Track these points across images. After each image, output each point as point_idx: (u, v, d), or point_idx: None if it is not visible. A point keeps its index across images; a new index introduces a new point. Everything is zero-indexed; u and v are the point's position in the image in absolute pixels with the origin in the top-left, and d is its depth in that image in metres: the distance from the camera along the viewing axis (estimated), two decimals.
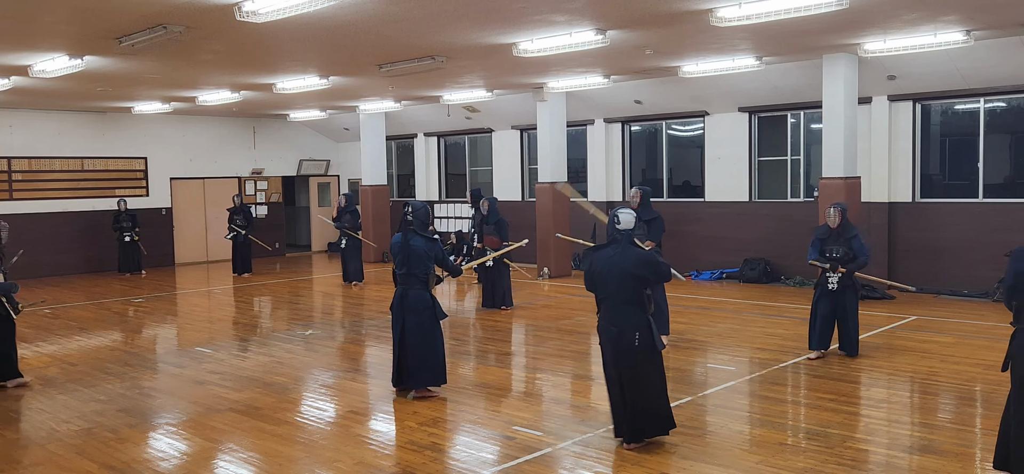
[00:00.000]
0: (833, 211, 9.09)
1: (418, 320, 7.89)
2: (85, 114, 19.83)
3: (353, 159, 24.06)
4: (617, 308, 6.33)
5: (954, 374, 8.58)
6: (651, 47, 11.84)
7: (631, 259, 6.33)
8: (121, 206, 19.16)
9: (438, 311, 8.01)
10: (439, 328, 8.05)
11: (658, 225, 9.95)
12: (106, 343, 11.40)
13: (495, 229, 13.10)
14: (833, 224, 9.08)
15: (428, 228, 8.16)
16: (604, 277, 6.39)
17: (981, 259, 13.56)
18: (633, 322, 6.30)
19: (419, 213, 8.04)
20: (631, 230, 6.42)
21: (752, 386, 8.31)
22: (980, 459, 6.16)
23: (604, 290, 6.41)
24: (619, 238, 6.42)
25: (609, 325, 6.36)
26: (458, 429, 7.15)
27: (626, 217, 6.44)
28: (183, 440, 6.99)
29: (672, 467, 6.03)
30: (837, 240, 9.08)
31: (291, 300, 15.30)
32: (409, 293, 7.92)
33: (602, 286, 6.42)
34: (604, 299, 6.44)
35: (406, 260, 7.92)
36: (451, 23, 9.81)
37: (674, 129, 17.93)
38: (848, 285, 9.08)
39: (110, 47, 10.66)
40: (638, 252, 6.41)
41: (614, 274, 6.32)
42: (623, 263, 6.31)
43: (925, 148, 14.51)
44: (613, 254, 6.39)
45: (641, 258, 6.37)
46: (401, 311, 7.95)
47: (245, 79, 14.69)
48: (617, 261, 6.33)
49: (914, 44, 11.32)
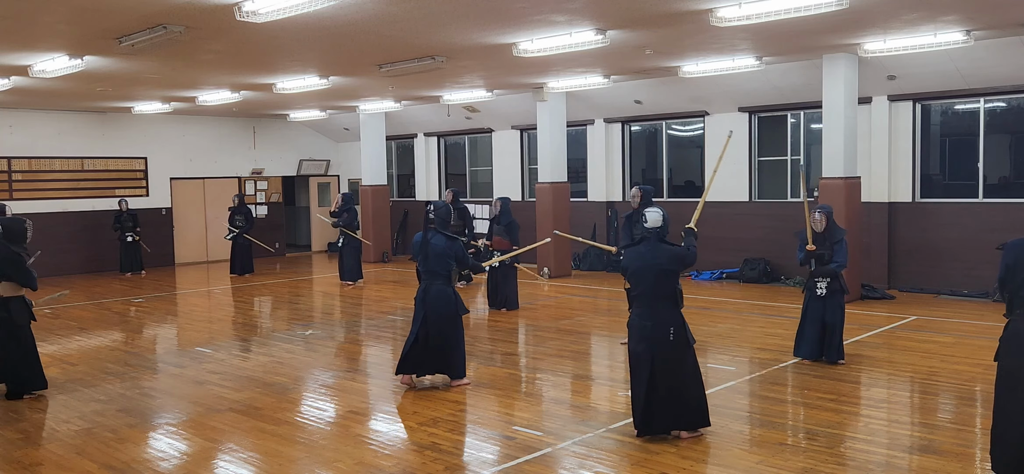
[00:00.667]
0: (818, 215, 8.98)
1: (439, 315, 8.20)
2: (85, 114, 19.83)
3: (353, 159, 24.06)
4: (652, 304, 6.52)
5: (954, 374, 8.58)
6: (651, 47, 11.84)
7: (664, 255, 6.55)
8: (122, 206, 19.15)
9: (460, 306, 8.33)
10: (460, 323, 8.39)
11: None
12: (106, 343, 11.39)
13: (506, 231, 13.10)
14: (818, 228, 8.97)
15: (449, 227, 8.48)
16: (639, 274, 6.58)
17: (981, 259, 13.55)
18: (667, 319, 6.50)
19: (440, 212, 8.35)
20: (659, 227, 6.61)
21: (752, 386, 8.31)
22: (980, 459, 6.16)
23: (638, 287, 6.60)
24: (648, 236, 6.63)
25: (644, 321, 6.53)
26: (458, 429, 7.15)
27: (653, 216, 6.63)
28: (183, 440, 6.99)
29: (672, 467, 6.03)
30: (822, 244, 8.99)
31: (291, 300, 15.30)
32: (432, 288, 8.23)
33: (637, 283, 6.61)
34: (638, 295, 6.62)
35: (426, 258, 8.25)
36: (451, 23, 9.80)
37: (674, 129, 17.94)
38: (836, 290, 8.98)
39: (110, 47, 10.66)
40: (668, 248, 6.63)
41: (648, 271, 6.53)
42: (656, 259, 6.53)
43: (925, 148, 14.51)
44: (644, 251, 6.61)
45: (672, 254, 6.59)
46: (423, 305, 8.25)
47: (245, 79, 14.69)
48: (650, 258, 6.55)
49: (914, 44, 11.32)
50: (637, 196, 10.01)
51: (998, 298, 12.79)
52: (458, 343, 8.38)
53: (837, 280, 8.99)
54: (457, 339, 8.36)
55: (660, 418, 6.54)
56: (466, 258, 8.46)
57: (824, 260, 8.97)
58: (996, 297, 12.96)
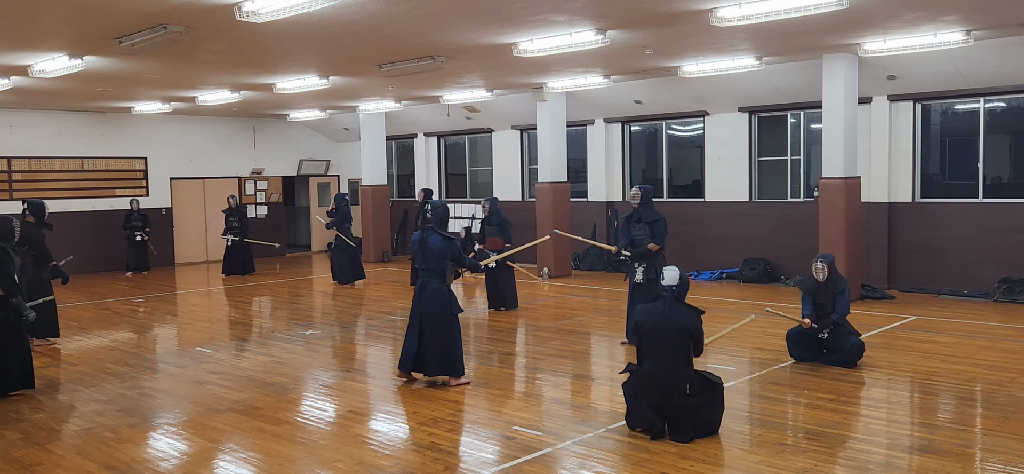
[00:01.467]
0: (820, 264, 8.91)
1: (434, 313, 8.30)
2: (85, 114, 19.83)
3: (353, 159, 24.07)
4: (667, 360, 6.60)
5: (954, 374, 8.58)
6: (651, 47, 11.84)
7: (682, 315, 6.68)
8: (133, 206, 19.35)
9: (454, 306, 8.40)
10: (456, 321, 8.46)
11: (661, 227, 9.92)
12: (106, 343, 11.40)
13: (498, 230, 13.12)
14: (820, 277, 8.90)
15: (446, 227, 8.53)
16: (657, 330, 6.63)
17: (981, 259, 13.57)
18: (683, 373, 6.60)
19: (437, 212, 8.42)
20: (676, 286, 6.72)
21: (752, 386, 8.31)
22: (980, 459, 6.16)
23: (653, 343, 6.64)
24: (665, 295, 6.73)
25: (656, 378, 6.59)
26: (458, 429, 7.15)
27: (671, 274, 6.77)
28: (183, 440, 6.99)
29: (672, 467, 6.03)
30: (826, 294, 8.92)
31: (291, 300, 15.30)
32: (428, 287, 8.35)
33: (653, 338, 6.64)
34: (653, 352, 6.66)
35: (424, 256, 8.35)
36: (451, 23, 9.81)
37: (674, 129, 17.94)
38: (839, 334, 8.87)
39: (110, 47, 10.66)
40: (686, 310, 6.72)
41: (667, 328, 6.60)
42: (676, 318, 6.63)
43: (925, 148, 14.51)
44: (664, 308, 6.68)
45: (690, 316, 6.70)
46: (420, 303, 8.37)
47: (245, 79, 14.69)
48: (669, 315, 6.63)
49: (914, 44, 11.32)
50: (637, 196, 10.01)
51: (998, 298, 12.84)
52: (454, 341, 8.42)
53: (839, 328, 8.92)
54: (453, 337, 8.40)
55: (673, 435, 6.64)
56: (463, 257, 8.52)
57: (826, 311, 8.92)
58: (996, 297, 12.97)
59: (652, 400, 6.60)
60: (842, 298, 8.89)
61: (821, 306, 8.96)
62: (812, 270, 9.01)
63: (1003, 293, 12.96)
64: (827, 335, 8.86)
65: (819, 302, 8.98)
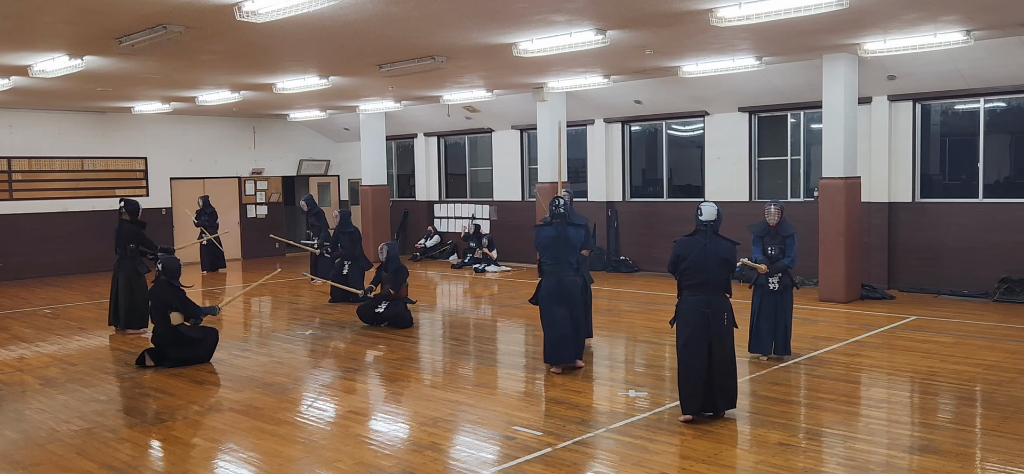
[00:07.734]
0: (773, 209, 9.16)
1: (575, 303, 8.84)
2: (85, 114, 19.83)
3: (353, 159, 24.06)
4: (711, 291, 7.03)
5: (954, 374, 8.58)
6: (651, 47, 11.85)
7: (724, 247, 7.07)
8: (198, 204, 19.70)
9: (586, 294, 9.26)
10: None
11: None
12: (106, 343, 11.39)
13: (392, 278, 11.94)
14: (772, 222, 9.16)
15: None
16: (700, 262, 7.01)
17: (981, 259, 13.56)
18: (722, 303, 7.07)
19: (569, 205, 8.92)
20: (714, 221, 7.08)
21: (752, 386, 8.31)
22: (980, 459, 6.16)
23: (697, 276, 7.02)
24: (704, 228, 7.08)
25: (703, 308, 6.99)
26: (458, 429, 7.15)
27: (709, 209, 7.12)
28: (183, 440, 6.99)
29: (672, 467, 6.03)
30: (774, 237, 9.18)
31: (291, 300, 15.30)
32: (565, 279, 8.80)
33: (697, 271, 7.01)
34: (697, 283, 7.03)
35: (561, 249, 8.78)
36: (451, 23, 9.81)
37: (674, 129, 17.94)
38: (788, 285, 9.18)
39: (110, 47, 10.66)
40: (725, 242, 7.10)
41: (710, 260, 7.00)
42: (718, 251, 7.03)
43: (925, 148, 14.51)
44: (705, 242, 7.04)
45: (728, 248, 7.09)
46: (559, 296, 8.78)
47: (245, 79, 14.69)
48: (712, 249, 7.02)
49: (914, 44, 11.32)
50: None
51: (998, 298, 12.83)
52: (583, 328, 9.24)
53: (788, 276, 9.18)
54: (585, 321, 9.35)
55: (710, 397, 7.01)
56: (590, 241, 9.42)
57: (776, 257, 9.13)
58: (996, 297, 12.96)
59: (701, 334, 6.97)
60: (791, 242, 9.11)
61: (771, 258, 9.14)
62: (764, 214, 9.26)
63: (1003, 293, 12.96)
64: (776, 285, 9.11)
65: (767, 249, 9.19)
